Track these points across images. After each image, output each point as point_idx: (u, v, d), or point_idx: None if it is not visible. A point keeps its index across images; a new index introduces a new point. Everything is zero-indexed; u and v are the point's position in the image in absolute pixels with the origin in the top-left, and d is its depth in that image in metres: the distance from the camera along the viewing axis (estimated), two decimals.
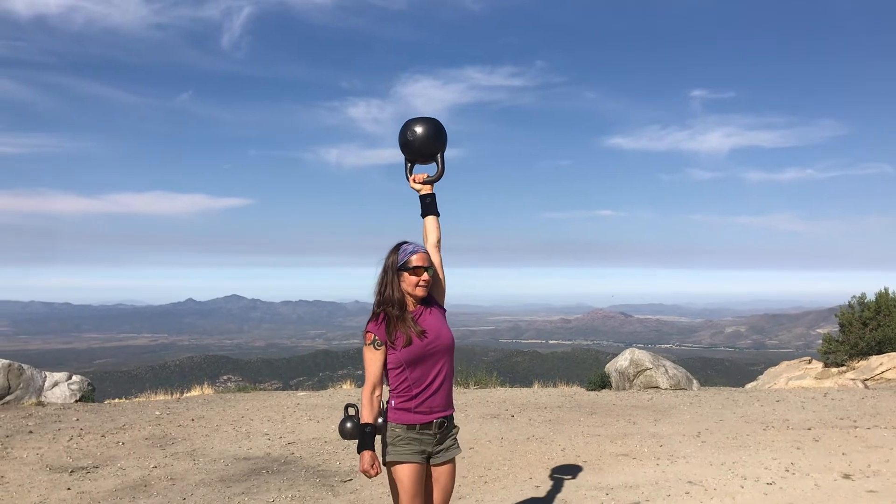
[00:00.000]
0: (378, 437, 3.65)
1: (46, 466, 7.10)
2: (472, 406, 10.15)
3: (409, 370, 3.57)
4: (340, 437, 8.11)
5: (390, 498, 5.84)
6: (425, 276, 3.62)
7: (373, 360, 3.58)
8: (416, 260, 3.62)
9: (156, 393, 12.52)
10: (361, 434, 3.59)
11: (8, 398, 10.86)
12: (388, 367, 3.61)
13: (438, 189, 3.92)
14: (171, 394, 12.43)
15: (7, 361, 11.31)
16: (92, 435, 8.53)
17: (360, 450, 3.57)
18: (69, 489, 6.30)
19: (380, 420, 3.63)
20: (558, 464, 6.80)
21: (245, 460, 7.27)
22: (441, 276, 3.79)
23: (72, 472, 6.88)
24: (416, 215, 3.90)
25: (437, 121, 3.93)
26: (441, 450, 3.64)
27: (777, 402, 10.20)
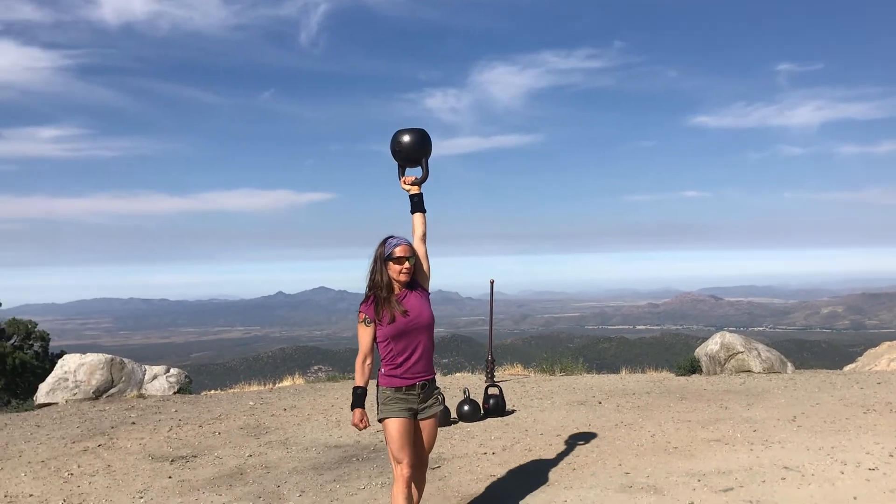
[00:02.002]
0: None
1: (149, 456, 7.41)
2: (558, 393, 10.10)
3: (394, 343, 4.38)
4: None
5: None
6: (407, 264, 4.38)
7: (364, 334, 4.42)
8: (399, 251, 4.38)
9: (249, 384, 12.89)
10: (353, 395, 4.43)
11: (111, 391, 11.36)
12: (378, 340, 4.42)
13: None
14: (264, 384, 12.77)
15: (109, 356, 11.83)
16: (190, 425, 8.86)
17: (352, 407, 4.43)
18: (170, 477, 6.56)
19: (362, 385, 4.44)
20: (648, 450, 6.70)
21: (336, 448, 7.42)
22: (425, 264, 4.57)
23: (172, 461, 7.16)
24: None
25: (424, 131, 4.71)
26: (425, 407, 4.49)
27: (878, 384, 9.80)
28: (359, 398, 4.40)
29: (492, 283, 10.93)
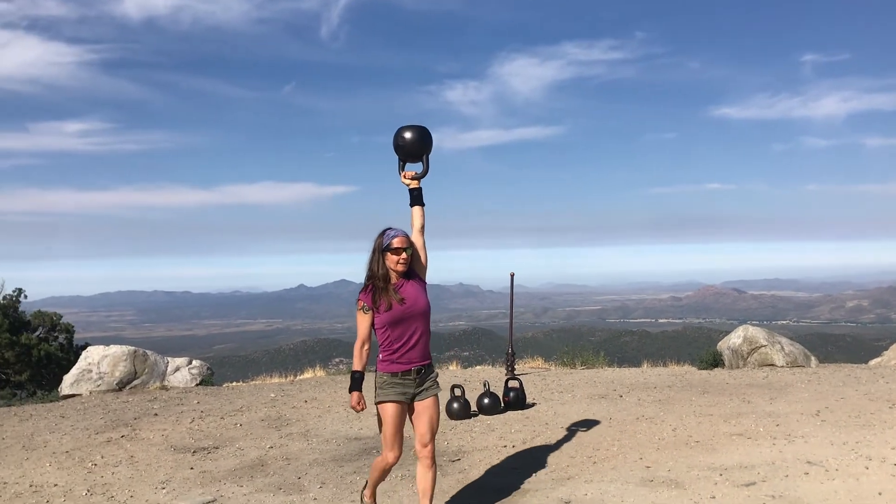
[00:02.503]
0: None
1: (171, 447, 7.47)
2: (578, 386, 10.06)
3: (391, 330, 4.57)
4: (448, 418, 8.22)
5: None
6: (404, 255, 4.57)
7: (362, 321, 4.61)
8: (396, 242, 4.57)
9: (271, 376, 12.96)
10: (351, 378, 4.60)
11: (134, 383, 11.47)
12: (375, 327, 4.62)
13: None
14: (286, 377, 12.84)
15: (133, 348, 11.94)
16: (212, 417, 8.92)
17: (350, 390, 4.60)
18: (192, 468, 6.61)
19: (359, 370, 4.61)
20: (669, 444, 6.66)
21: (356, 440, 7.44)
22: (423, 255, 4.79)
23: (194, 452, 7.22)
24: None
25: (425, 128, 4.92)
26: (422, 390, 4.66)
27: None
28: (356, 382, 4.59)
29: (512, 275, 10.91)
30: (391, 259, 4.58)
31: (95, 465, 6.85)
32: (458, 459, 6.53)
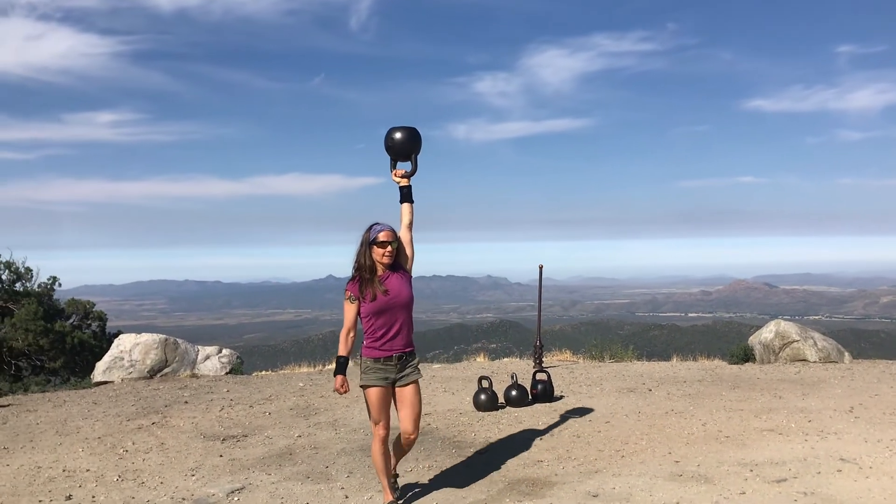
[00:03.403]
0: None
1: (201, 434, 7.54)
2: (607, 380, 10.00)
3: (375, 319, 4.89)
4: (475, 409, 8.22)
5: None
6: (389, 248, 4.89)
7: (349, 310, 4.92)
8: (382, 236, 4.89)
9: (299, 365, 13.03)
10: (336, 363, 4.95)
11: (165, 371, 11.60)
12: (361, 316, 4.93)
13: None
14: (314, 366, 12.91)
15: (164, 336, 12.07)
16: (241, 405, 8.99)
17: (334, 374, 4.95)
18: (221, 456, 6.66)
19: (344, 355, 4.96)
20: (699, 439, 6.60)
21: None
22: (409, 250, 5.09)
23: (223, 440, 7.28)
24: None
25: (415, 129, 5.27)
26: (403, 376, 4.99)
27: None
28: (341, 366, 4.94)
29: (541, 268, 10.86)
30: (377, 252, 4.89)
31: (126, 451, 6.93)
32: (486, 451, 6.52)
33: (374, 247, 4.90)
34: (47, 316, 15.95)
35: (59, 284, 17.75)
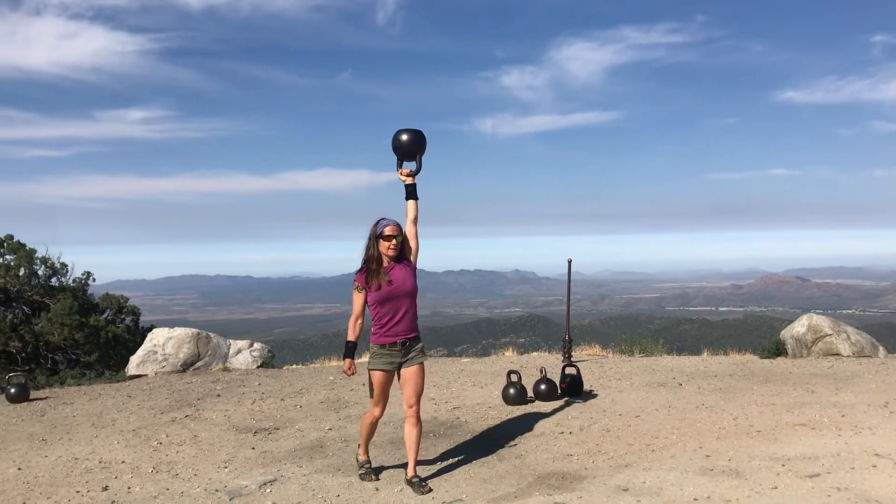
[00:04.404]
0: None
1: (233, 427, 7.64)
2: (636, 374, 9.95)
3: (380, 307, 5.35)
4: (504, 403, 8.23)
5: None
6: (394, 242, 5.32)
7: (357, 299, 5.39)
8: (388, 231, 5.33)
9: (329, 359, 13.11)
10: (346, 347, 5.43)
11: (198, 364, 11.74)
12: (368, 304, 5.39)
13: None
14: (344, 360, 12.96)
15: (196, 330, 12.21)
16: (272, 398, 9.09)
17: (343, 358, 5.44)
18: (253, 448, 6.75)
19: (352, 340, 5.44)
20: (730, 433, 6.55)
21: None
22: (413, 243, 5.52)
23: (255, 432, 7.36)
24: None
25: (420, 131, 5.71)
26: (408, 359, 5.46)
27: None
28: (349, 350, 5.44)
29: (569, 262, 10.84)
30: (383, 245, 5.33)
31: (161, 443, 7.04)
32: (515, 444, 6.53)
33: (381, 240, 5.34)
34: (82, 311, 16.22)
35: (94, 279, 18.03)
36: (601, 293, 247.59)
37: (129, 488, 5.69)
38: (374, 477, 5.67)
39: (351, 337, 5.43)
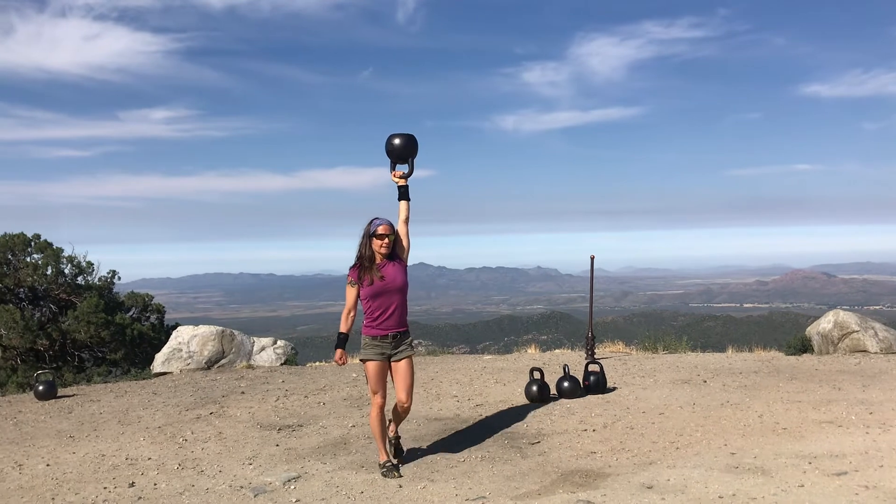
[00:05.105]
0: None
1: (257, 424, 7.69)
2: (660, 371, 9.89)
3: (372, 301, 5.68)
4: (527, 401, 8.21)
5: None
6: (386, 240, 5.66)
7: (350, 293, 5.72)
8: (381, 230, 5.66)
9: (352, 356, 13.15)
10: (337, 338, 5.78)
11: (222, 362, 11.83)
12: (361, 298, 5.72)
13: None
14: (336, 350, 12.96)
15: (220, 328, 12.30)
16: (296, 396, 9.13)
17: (335, 348, 5.78)
18: (277, 445, 6.79)
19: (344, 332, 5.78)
20: (755, 431, 6.49)
21: (436, 421, 7.50)
22: (405, 242, 5.84)
23: (279, 429, 7.41)
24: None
25: (412, 135, 6.04)
26: (397, 352, 5.77)
27: None
28: (341, 341, 5.78)
29: (592, 259, 10.79)
30: (376, 243, 5.66)
31: (186, 440, 7.10)
32: (538, 442, 6.52)
33: (374, 238, 5.67)
34: (108, 309, 16.38)
35: (119, 278, 18.20)
36: (624, 290, 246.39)
37: (155, 485, 5.75)
38: (397, 474, 5.67)
39: (343, 329, 5.77)
